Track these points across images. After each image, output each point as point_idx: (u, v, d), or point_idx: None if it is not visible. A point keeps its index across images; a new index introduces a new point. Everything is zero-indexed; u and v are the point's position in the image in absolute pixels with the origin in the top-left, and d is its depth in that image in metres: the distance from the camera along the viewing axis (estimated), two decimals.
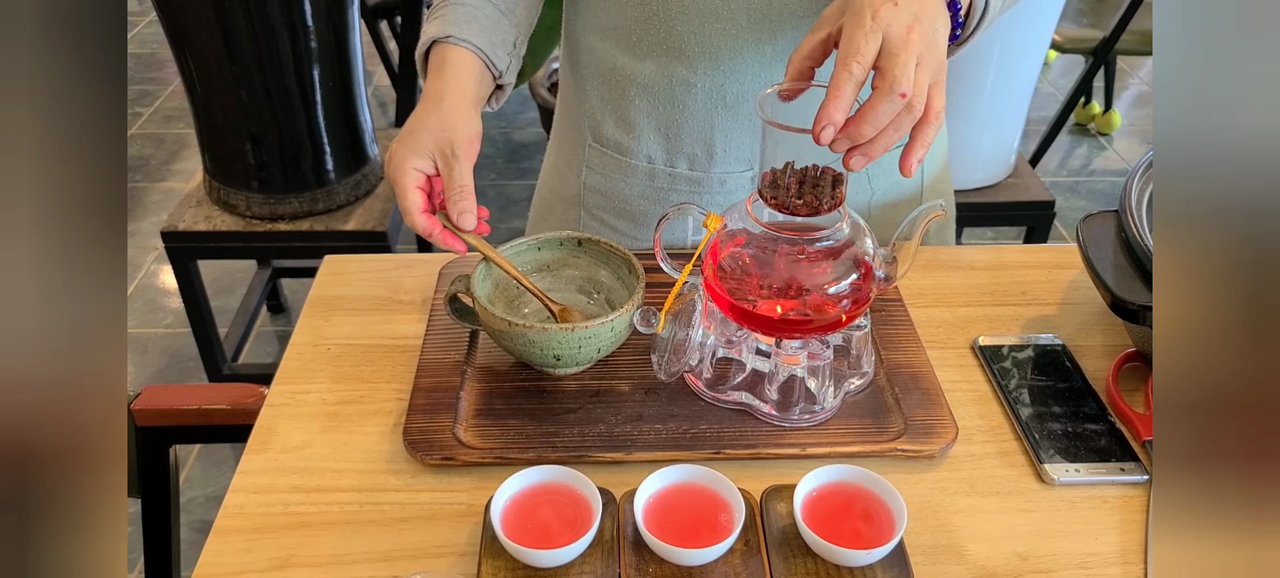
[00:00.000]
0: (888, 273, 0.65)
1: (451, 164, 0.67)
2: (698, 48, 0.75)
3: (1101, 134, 2.99)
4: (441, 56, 0.72)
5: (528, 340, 0.65)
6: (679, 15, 0.74)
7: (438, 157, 0.68)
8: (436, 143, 0.68)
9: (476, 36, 0.72)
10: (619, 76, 0.81)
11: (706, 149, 0.80)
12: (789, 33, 0.74)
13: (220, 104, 1.51)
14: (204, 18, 1.41)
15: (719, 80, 0.76)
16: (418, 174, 0.68)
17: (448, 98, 0.69)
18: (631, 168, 0.84)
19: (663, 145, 0.82)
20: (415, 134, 0.68)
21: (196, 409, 0.79)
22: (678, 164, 0.82)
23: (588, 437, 0.65)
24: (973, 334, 0.76)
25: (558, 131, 0.93)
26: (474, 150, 0.69)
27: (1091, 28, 2.31)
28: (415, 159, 0.68)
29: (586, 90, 0.84)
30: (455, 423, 0.66)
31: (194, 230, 1.56)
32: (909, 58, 0.54)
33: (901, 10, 0.56)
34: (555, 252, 0.75)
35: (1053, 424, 0.67)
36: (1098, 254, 0.69)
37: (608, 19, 0.79)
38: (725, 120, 0.78)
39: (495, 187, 2.74)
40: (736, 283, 0.65)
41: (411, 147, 0.68)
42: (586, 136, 0.86)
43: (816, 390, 0.66)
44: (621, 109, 0.82)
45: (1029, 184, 1.72)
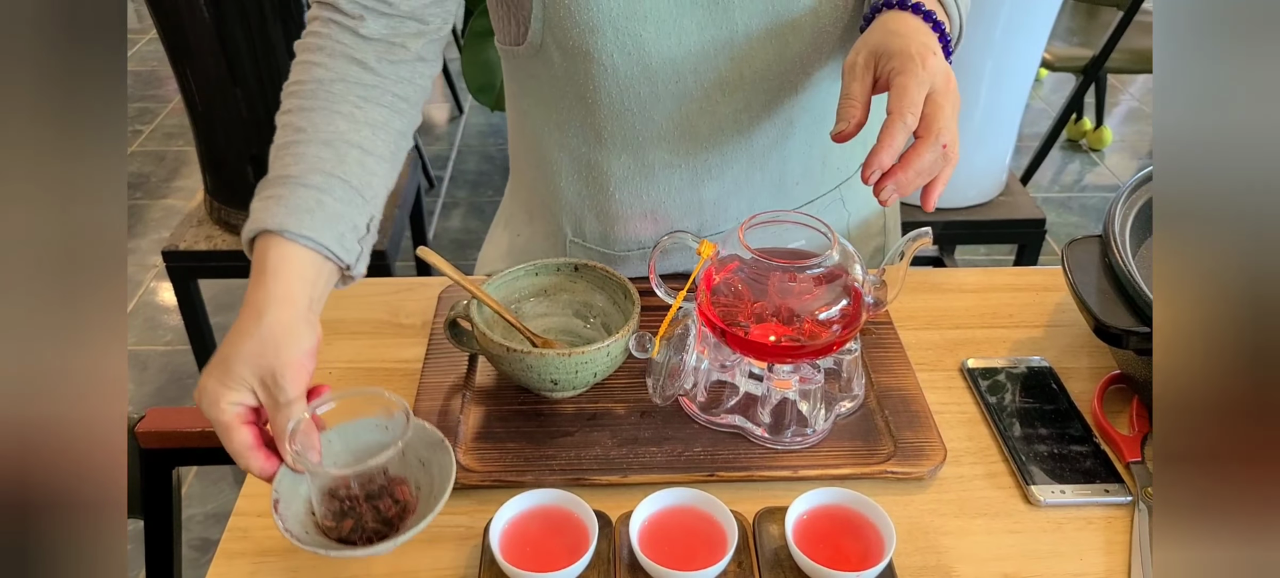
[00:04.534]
0: (877, 298, 0.67)
1: (275, 396, 0.56)
2: (676, 130, 0.74)
3: (1093, 150, 3.02)
4: (266, 255, 0.59)
5: (526, 366, 0.67)
6: (652, 103, 0.73)
7: (258, 388, 0.56)
8: (256, 372, 0.56)
9: (318, 228, 0.59)
10: (596, 172, 0.78)
11: (697, 221, 0.80)
12: (762, 95, 0.73)
13: (221, 125, 1.53)
14: (205, 40, 1.43)
15: (702, 156, 0.76)
16: (237, 409, 0.56)
17: (269, 312, 0.57)
18: (621, 258, 0.83)
19: (651, 228, 0.81)
20: (227, 364, 0.56)
21: (200, 432, 0.80)
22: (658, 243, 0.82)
23: (584, 460, 0.66)
24: (962, 356, 0.78)
25: (520, 225, 0.89)
26: (306, 372, 0.57)
27: (1082, 46, 2.34)
28: (229, 393, 0.56)
29: (560, 187, 0.81)
30: (455, 446, 0.67)
31: (195, 250, 1.58)
32: (952, 111, 0.58)
33: (938, 60, 0.59)
34: (552, 277, 0.77)
35: (1039, 446, 0.68)
36: (1082, 279, 0.71)
37: (574, 116, 0.76)
38: (713, 191, 0.78)
39: (494, 204, 2.76)
40: (729, 309, 0.66)
41: (222, 378, 0.56)
42: (566, 233, 0.84)
43: (808, 413, 0.68)
44: (603, 204, 0.80)
45: (1020, 202, 1.74)
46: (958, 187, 1.69)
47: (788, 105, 0.75)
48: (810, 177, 0.81)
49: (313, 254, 0.60)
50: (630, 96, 0.72)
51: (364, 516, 0.58)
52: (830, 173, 0.82)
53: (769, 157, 0.77)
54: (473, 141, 3.12)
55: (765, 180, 0.79)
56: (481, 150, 3.07)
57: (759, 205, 0.80)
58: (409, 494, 0.59)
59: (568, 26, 0.68)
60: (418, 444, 0.60)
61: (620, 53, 0.69)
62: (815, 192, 0.82)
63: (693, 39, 0.69)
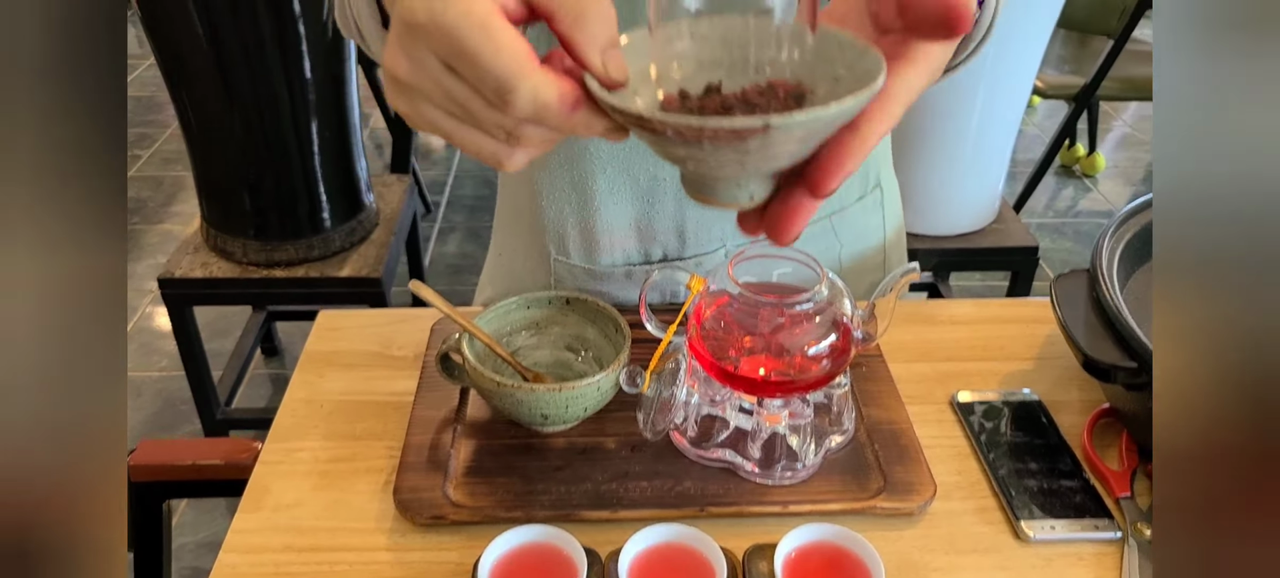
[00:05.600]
0: (866, 332, 0.67)
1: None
2: None
3: (1086, 176, 3.03)
4: None
5: (516, 400, 0.67)
6: None
7: None
8: None
9: None
10: (581, 187, 0.78)
11: (679, 236, 0.80)
12: None
13: (218, 154, 1.54)
14: (203, 67, 1.44)
15: None
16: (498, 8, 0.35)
17: None
18: (605, 274, 0.83)
19: (637, 244, 0.81)
20: None
21: (190, 465, 0.80)
22: (653, 255, 0.82)
23: (575, 495, 0.66)
24: (952, 389, 0.78)
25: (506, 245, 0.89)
26: None
27: (1073, 74, 2.36)
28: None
29: (542, 205, 0.81)
30: (445, 482, 0.67)
31: (191, 277, 1.58)
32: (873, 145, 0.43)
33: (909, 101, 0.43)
34: (543, 310, 0.77)
35: (1029, 481, 0.68)
36: (1070, 314, 0.71)
37: None
38: (697, 208, 0.79)
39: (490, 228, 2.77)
40: (719, 343, 0.67)
41: None
42: (550, 251, 0.84)
43: (798, 448, 0.68)
44: (587, 220, 0.80)
45: (1012, 229, 1.75)
46: (949, 214, 1.71)
47: None
48: None
49: None
50: None
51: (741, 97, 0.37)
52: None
53: None
54: (470, 166, 3.13)
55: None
56: (479, 175, 3.08)
57: None
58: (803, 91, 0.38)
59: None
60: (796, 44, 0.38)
61: None
62: None
63: None
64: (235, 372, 1.88)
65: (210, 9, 1.38)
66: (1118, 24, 2.13)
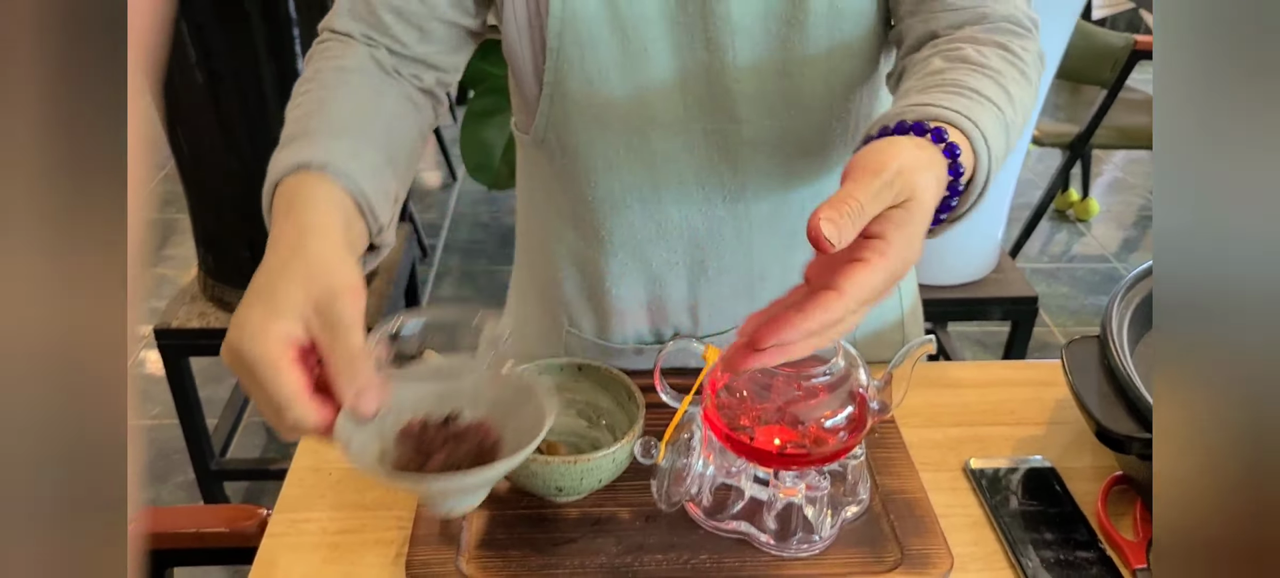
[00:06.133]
0: (882, 402, 0.67)
1: (334, 325, 0.46)
2: (677, 233, 0.74)
3: (1080, 221, 3.06)
4: (296, 191, 0.51)
5: (530, 472, 0.66)
6: (654, 204, 0.73)
7: (312, 316, 0.46)
8: (307, 295, 0.46)
9: (358, 174, 0.53)
10: (593, 268, 0.78)
11: (692, 317, 0.80)
12: (766, 206, 0.74)
13: (216, 204, 1.53)
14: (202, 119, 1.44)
15: (702, 261, 0.76)
16: (285, 343, 0.45)
17: (312, 239, 0.48)
18: (617, 350, 0.83)
19: (649, 324, 0.81)
20: (273, 289, 0.46)
21: (193, 532, 0.79)
22: (665, 334, 0.82)
23: (590, 568, 0.66)
24: (964, 454, 0.78)
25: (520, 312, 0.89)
26: (360, 304, 0.47)
27: (1067, 122, 2.39)
28: (279, 322, 0.45)
29: (560, 279, 0.82)
30: (458, 555, 0.66)
31: (188, 328, 1.57)
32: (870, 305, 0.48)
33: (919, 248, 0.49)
34: (555, 377, 0.77)
35: (1046, 552, 0.68)
36: (1083, 382, 0.71)
37: (574, 212, 0.76)
38: (708, 290, 0.78)
39: (486, 273, 2.76)
40: (734, 414, 0.66)
41: (270, 306, 0.45)
42: (563, 323, 0.84)
43: (814, 520, 0.67)
44: (599, 299, 0.80)
45: (1011, 278, 1.76)
46: (948, 264, 1.71)
47: (791, 218, 0.75)
48: None
49: (347, 199, 0.52)
50: (632, 195, 0.73)
51: (447, 452, 0.50)
52: None
53: (770, 266, 0.78)
54: (465, 210, 3.14)
55: (766, 288, 0.79)
56: (474, 218, 3.08)
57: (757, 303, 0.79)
58: (493, 434, 0.51)
59: (576, 123, 0.69)
60: (502, 388, 0.52)
61: (627, 150, 0.70)
62: None
63: (699, 144, 0.70)
64: (230, 421, 1.86)
65: (210, 56, 1.38)
66: (1111, 74, 2.16)
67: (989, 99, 0.55)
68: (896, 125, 0.53)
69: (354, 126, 0.58)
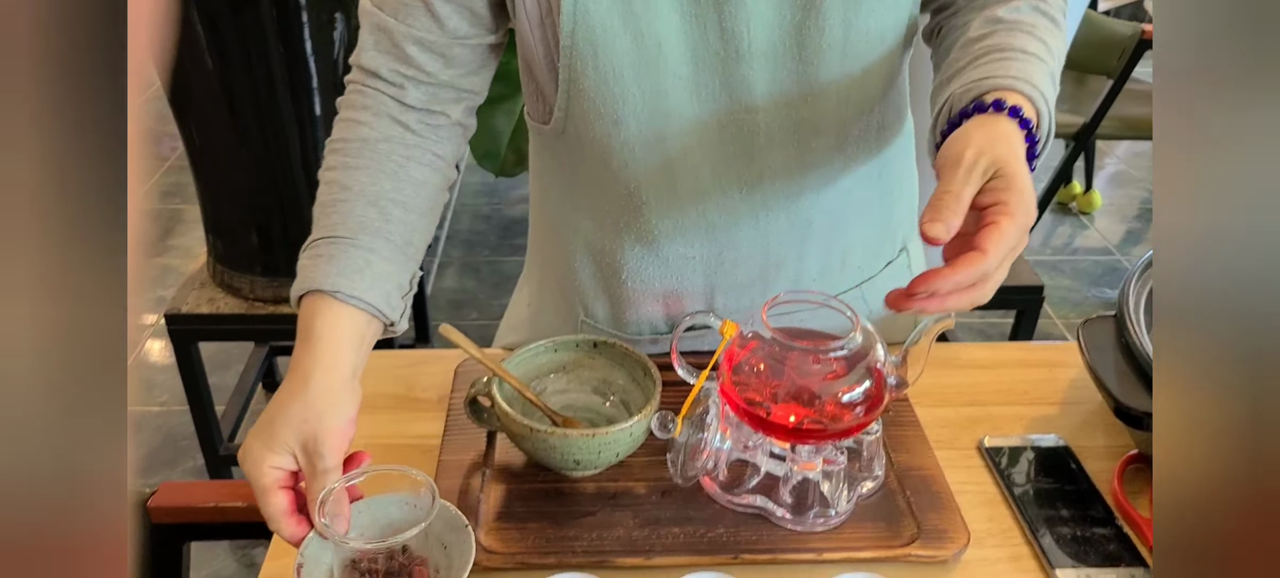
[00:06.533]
0: (899, 379, 0.67)
1: (315, 463, 0.58)
2: (692, 224, 0.74)
3: (1083, 213, 3.06)
4: (314, 317, 0.62)
5: (548, 445, 0.67)
6: (669, 196, 0.73)
7: (299, 453, 0.59)
8: (298, 436, 0.59)
9: (367, 288, 0.63)
10: (609, 258, 0.78)
11: (707, 306, 0.80)
12: (781, 195, 0.74)
13: (226, 191, 1.54)
14: (213, 106, 1.44)
15: (717, 250, 0.76)
16: (277, 473, 0.59)
17: (315, 377, 0.60)
18: (632, 340, 0.83)
19: (664, 315, 0.81)
20: (273, 427, 0.59)
21: (212, 507, 0.79)
22: (680, 323, 0.82)
23: (606, 541, 0.66)
24: (978, 433, 0.78)
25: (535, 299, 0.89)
26: (345, 439, 0.60)
27: (1072, 114, 2.39)
28: (273, 456, 0.59)
29: (575, 268, 0.82)
30: (477, 527, 0.66)
31: (197, 312, 1.57)
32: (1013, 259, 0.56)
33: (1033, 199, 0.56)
34: (571, 353, 0.77)
35: (1062, 528, 0.68)
36: (1099, 359, 0.71)
37: (591, 202, 0.77)
38: (724, 279, 0.78)
39: (489, 263, 2.76)
40: (751, 389, 0.66)
41: (267, 441, 0.59)
42: (578, 312, 0.84)
43: (830, 494, 0.68)
44: (614, 289, 0.80)
45: (1018, 268, 1.76)
46: None
47: (808, 206, 0.75)
48: (829, 275, 0.81)
49: (361, 313, 0.63)
50: (648, 188, 0.73)
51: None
52: (851, 272, 0.82)
53: (786, 254, 0.78)
54: (468, 200, 3.14)
55: (782, 277, 0.79)
56: (475, 210, 3.08)
57: (772, 294, 0.80)
58: (427, 574, 0.59)
59: (591, 117, 0.69)
60: (440, 525, 0.61)
61: (642, 145, 0.70)
62: (834, 290, 0.82)
63: (714, 135, 0.70)
64: (237, 407, 1.87)
65: (221, 44, 1.38)
66: (1117, 64, 2.16)
67: (1033, 55, 0.62)
68: (960, 113, 0.60)
69: (371, 222, 0.65)
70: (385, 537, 0.59)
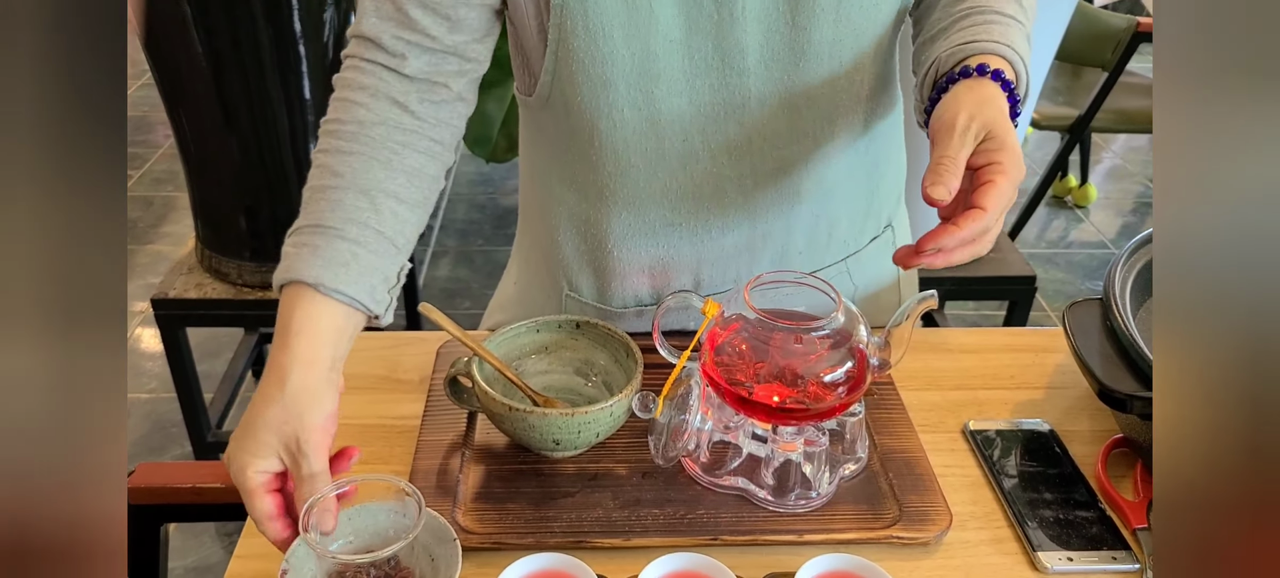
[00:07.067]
0: (882, 359, 0.67)
1: (299, 461, 0.58)
2: (680, 190, 0.74)
3: (1078, 207, 3.05)
4: (293, 310, 0.60)
5: (528, 425, 0.66)
6: (657, 160, 0.72)
7: (283, 454, 0.58)
8: (280, 438, 0.58)
9: (351, 282, 0.61)
10: (595, 229, 0.78)
11: (694, 279, 0.80)
12: (770, 162, 0.73)
13: (215, 175, 1.53)
14: (202, 90, 1.43)
15: (704, 217, 0.76)
16: (263, 477, 0.58)
17: (293, 375, 0.59)
18: (617, 313, 0.82)
19: (650, 286, 0.81)
20: (253, 431, 0.58)
21: (190, 488, 0.79)
22: (665, 297, 0.82)
23: (586, 522, 0.65)
24: (963, 417, 0.78)
25: (523, 277, 0.89)
26: (329, 434, 0.60)
27: (1067, 106, 2.38)
28: (257, 461, 0.58)
29: (560, 242, 0.81)
30: (455, 507, 0.66)
31: (184, 298, 1.56)
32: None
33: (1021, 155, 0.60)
34: (553, 334, 0.76)
35: (1044, 511, 0.68)
36: (1084, 343, 0.71)
37: (577, 172, 0.76)
38: (713, 252, 0.78)
39: (483, 252, 2.76)
40: (733, 369, 0.66)
41: (250, 447, 0.58)
42: (562, 287, 0.83)
43: (812, 476, 0.67)
44: (600, 260, 0.79)
45: (1010, 259, 1.76)
46: None
47: (796, 175, 0.75)
48: (815, 248, 0.81)
49: (343, 307, 0.62)
50: (636, 153, 0.72)
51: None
52: (836, 245, 0.82)
53: (773, 225, 0.77)
54: (462, 190, 3.13)
55: (768, 248, 0.79)
56: (470, 199, 3.07)
57: (758, 266, 0.80)
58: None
59: (579, 80, 0.68)
60: (428, 536, 0.60)
61: (630, 107, 0.69)
62: (819, 263, 0.82)
63: (705, 99, 0.69)
64: (226, 394, 1.86)
65: (210, 28, 1.37)
66: (1112, 56, 2.15)
67: (1010, 17, 0.66)
68: (947, 77, 0.64)
69: (360, 213, 0.63)
70: (371, 546, 0.58)
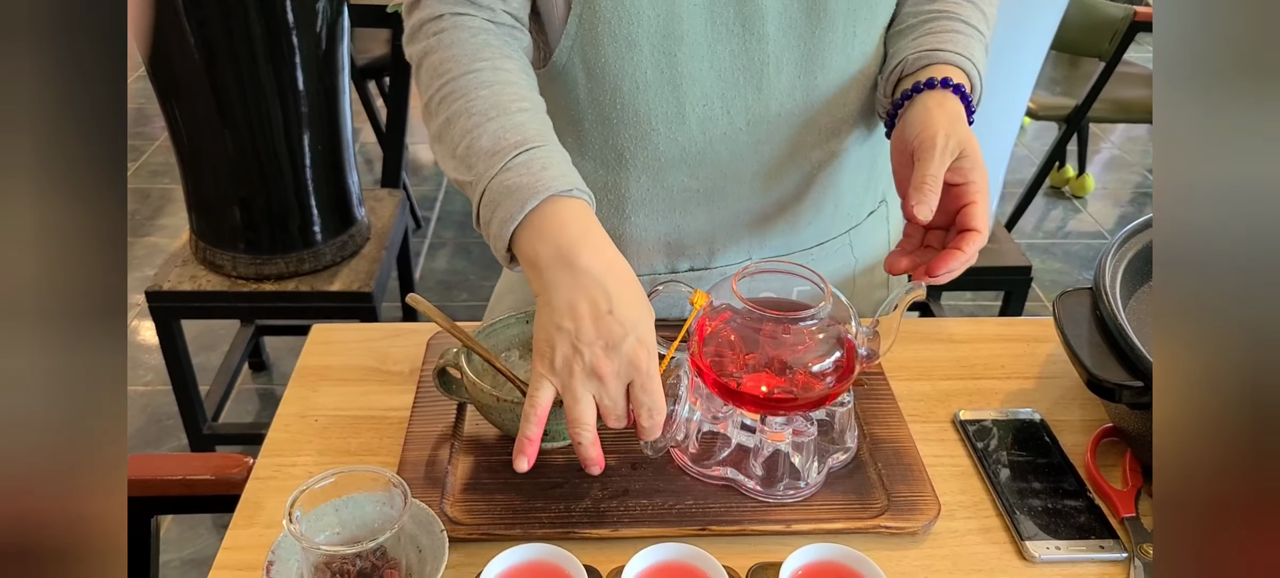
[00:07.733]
0: (871, 349, 0.67)
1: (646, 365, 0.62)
2: (697, 153, 0.74)
3: (1076, 197, 3.05)
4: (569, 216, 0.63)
5: (516, 416, 0.66)
6: (677, 123, 0.73)
7: None
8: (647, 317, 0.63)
9: (582, 182, 0.66)
10: (614, 194, 0.78)
11: (709, 249, 0.81)
12: (785, 130, 0.75)
13: (209, 167, 1.52)
14: (195, 81, 1.43)
15: (719, 182, 0.76)
16: None
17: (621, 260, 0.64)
18: None
19: (665, 256, 0.81)
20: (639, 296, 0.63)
21: (180, 479, 0.79)
22: (680, 267, 0.82)
23: (574, 512, 0.65)
24: (953, 407, 0.78)
25: None
26: None
27: (1064, 96, 2.38)
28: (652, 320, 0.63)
29: None
30: (443, 498, 0.66)
31: (179, 290, 1.56)
32: None
33: None
34: None
35: (1033, 500, 0.68)
36: (1074, 332, 0.71)
37: (594, 138, 0.76)
38: (724, 216, 0.79)
39: (480, 244, 2.75)
40: (722, 360, 0.66)
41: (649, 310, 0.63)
42: None
43: (801, 466, 0.67)
44: (618, 227, 0.80)
45: (1006, 250, 1.76)
46: None
47: (809, 145, 0.76)
48: (822, 219, 0.82)
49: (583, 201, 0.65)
50: (657, 116, 0.73)
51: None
52: (841, 218, 0.84)
53: (785, 192, 0.79)
54: None
55: (779, 215, 0.80)
56: None
57: (769, 238, 0.81)
58: (399, 576, 0.58)
59: (604, 40, 0.69)
60: (415, 527, 0.60)
61: (654, 69, 0.71)
62: (825, 234, 0.83)
63: (725, 63, 0.71)
64: (222, 387, 1.86)
65: (203, 20, 1.37)
66: (1109, 46, 2.15)
67: (975, 28, 0.73)
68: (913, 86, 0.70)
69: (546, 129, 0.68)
70: (358, 537, 0.58)
